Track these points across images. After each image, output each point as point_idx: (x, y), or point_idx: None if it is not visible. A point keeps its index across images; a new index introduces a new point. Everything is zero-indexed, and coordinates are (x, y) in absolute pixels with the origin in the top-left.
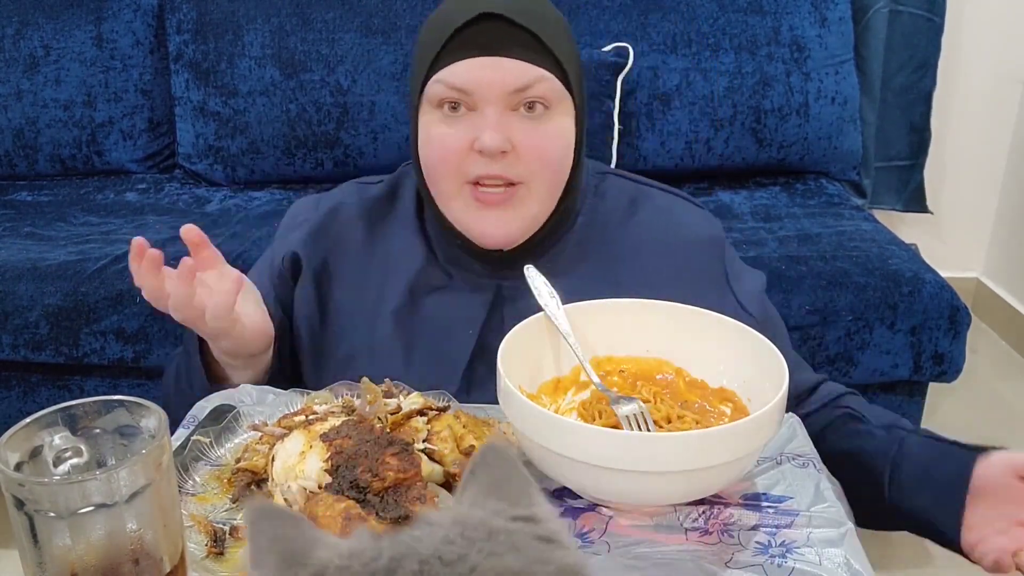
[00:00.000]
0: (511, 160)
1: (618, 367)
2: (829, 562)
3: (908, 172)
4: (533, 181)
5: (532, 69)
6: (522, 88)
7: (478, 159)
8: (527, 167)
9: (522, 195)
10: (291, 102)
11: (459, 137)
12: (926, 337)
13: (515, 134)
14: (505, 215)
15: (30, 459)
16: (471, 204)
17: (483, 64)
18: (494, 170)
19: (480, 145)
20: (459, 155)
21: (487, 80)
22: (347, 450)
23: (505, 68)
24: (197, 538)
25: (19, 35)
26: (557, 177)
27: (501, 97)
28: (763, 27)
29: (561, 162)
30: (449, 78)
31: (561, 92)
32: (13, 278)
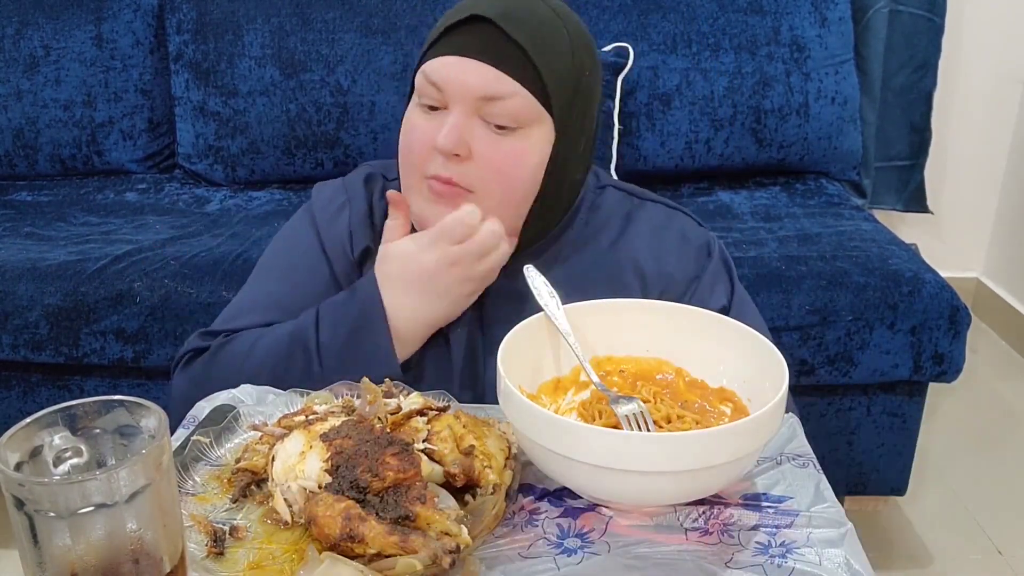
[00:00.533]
0: (465, 166)
1: (618, 367)
2: (829, 562)
3: (908, 172)
4: (484, 192)
5: (507, 81)
6: (490, 97)
7: (437, 157)
8: (479, 177)
9: (468, 200)
10: (291, 102)
11: (426, 131)
12: (926, 337)
13: (475, 140)
14: (448, 210)
15: (30, 459)
16: (426, 196)
17: (459, 64)
18: (446, 172)
19: (434, 142)
20: (424, 149)
21: (459, 80)
22: (347, 450)
23: (480, 73)
24: (197, 538)
25: (19, 35)
26: (509, 196)
27: (470, 100)
28: (763, 27)
29: (516, 183)
30: (429, 71)
31: (536, 112)
32: (13, 278)
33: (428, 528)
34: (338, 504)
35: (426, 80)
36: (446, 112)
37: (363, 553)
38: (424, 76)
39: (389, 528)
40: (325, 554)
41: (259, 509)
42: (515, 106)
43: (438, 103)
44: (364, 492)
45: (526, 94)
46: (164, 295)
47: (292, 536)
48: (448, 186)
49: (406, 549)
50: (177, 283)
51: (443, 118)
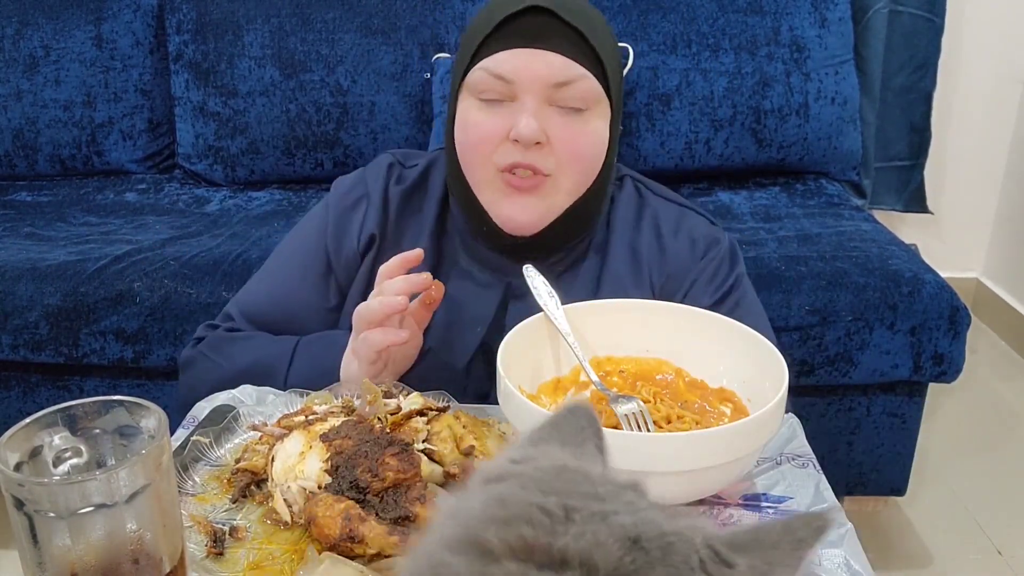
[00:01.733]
0: (544, 152)
1: (618, 367)
2: (829, 562)
3: (908, 172)
4: (562, 175)
5: (575, 66)
6: (563, 83)
7: (512, 148)
8: (558, 161)
9: (549, 187)
10: (291, 102)
11: (495, 124)
12: (926, 337)
13: (551, 127)
14: (531, 201)
15: (30, 459)
16: (501, 189)
17: (527, 55)
18: (526, 159)
19: (516, 133)
20: (494, 142)
21: (530, 70)
22: (347, 450)
23: (548, 61)
24: (197, 538)
25: (19, 35)
26: (585, 176)
27: (541, 89)
28: (763, 27)
29: (592, 161)
30: (492, 66)
31: (599, 93)
32: (13, 278)
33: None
34: (338, 504)
35: (489, 74)
36: (512, 104)
37: (363, 553)
38: (486, 71)
39: (389, 528)
40: (325, 554)
41: (259, 509)
42: (584, 88)
43: (503, 96)
44: (364, 492)
45: (591, 77)
46: (164, 295)
47: (292, 536)
48: (530, 176)
49: (406, 549)
50: (177, 283)
51: (509, 110)
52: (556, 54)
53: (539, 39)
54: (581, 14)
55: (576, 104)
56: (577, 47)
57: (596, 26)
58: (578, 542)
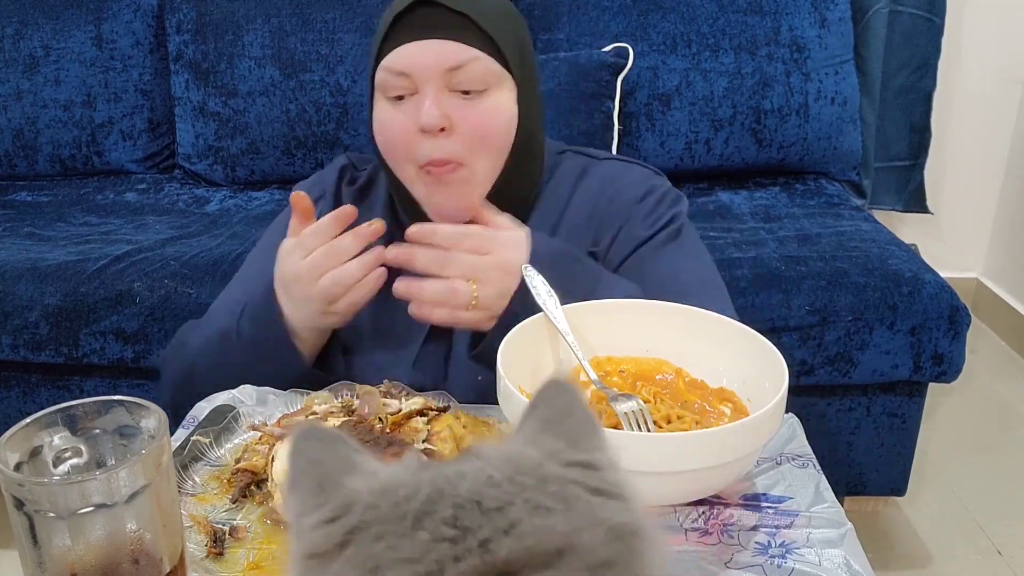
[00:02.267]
0: (452, 139)
1: (618, 367)
2: (829, 562)
3: (908, 172)
4: (474, 159)
5: (466, 49)
6: (456, 67)
7: (424, 140)
8: (467, 144)
9: (466, 173)
10: (291, 102)
11: (404, 119)
12: (926, 337)
13: (453, 111)
14: (452, 189)
15: (30, 459)
16: (427, 181)
17: (418, 47)
18: (437, 155)
19: (420, 123)
20: (407, 137)
21: (422, 61)
22: None
23: (438, 49)
24: (197, 538)
25: (19, 35)
26: (498, 153)
27: (437, 76)
28: (763, 27)
29: (501, 138)
30: (390, 63)
31: (499, 71)
32: (13, 278)
33: None
34: None
35: (390, 72)
36: (416, 97)
37: None
38: (386, 70)
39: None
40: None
41: (259, 509)
42: (479, 69)
43: (406, 90)
44: None
45: (485, 56)
46: (164, 295)
47: None
48: (446, 166)
49: None
50: (177, 283)
51: (415, 103)
52: (446, 41)
53: (428, 30)
54: (469, 1)
55: (475, 86)
56: (466, 31)
57: (486, 10)
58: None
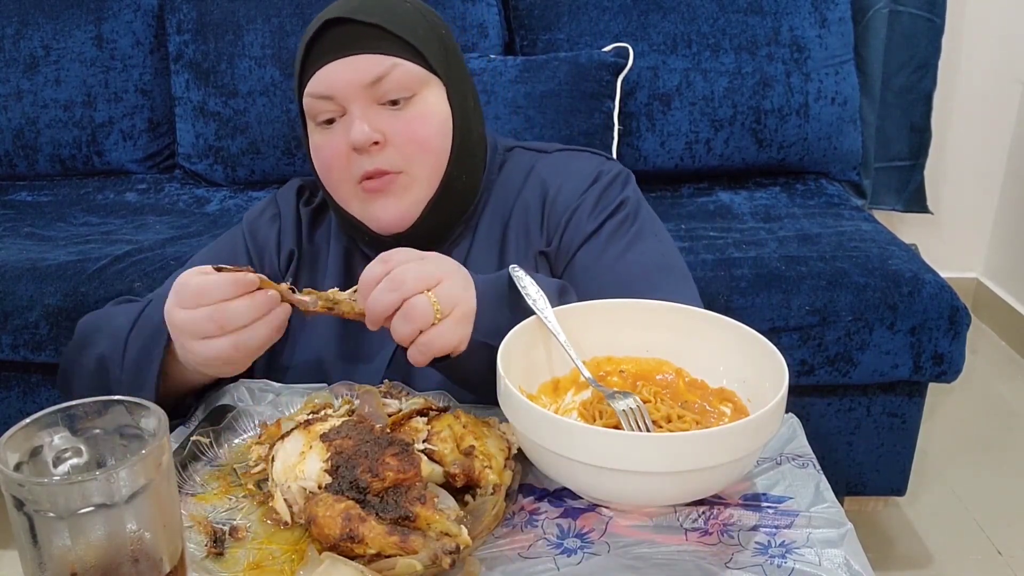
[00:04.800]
0: (387, 151)
1: (618, 367)
2: (829, 562)
3: (908, 172)
4: (412, 166)
5: (382, 59)
6: (377, 79)
7: (359, 158)
8: (403, 154)
9: (404, 180)
10: (291, 102)
11: (336, 141)
12: (926, 337)
13: (383, 124)
14: (391, 200)
15: (30, 459)
16: (363, 198)
17: (336, 66)
18: (373, 165)
19: (351, 143)
20: (341, 159)
21: (342, 79)
22: (347, 450)
23: (354, 65)
24: (197, 538)
25: (19, 35)
26: (436, 157)
27: (360, 92)
28: (763, 27)
29: (437, 141)
30: (312, 89)
31: (422, 75)
32: (13, 278)
33: (428, 528)
34: (338, 504)
35: (314, 97)
36: (345, 118)
37: (363, 553)
38: (310, 96)
39: (389, 528)
40: (325, 554)
41: (259, 509)
42: (401, 76)
43: (334, 113)
44: (364, 492)
45: (404, 62)
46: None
47: (292, 536)
48: (381, 177)
49: (406, 549)
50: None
51: (344, 123)
52: (360, 55)
53: (342, 48)
54: (378, 10)
55: (400, 93)
56: (381, 40)
57: (400, 18)
58: None
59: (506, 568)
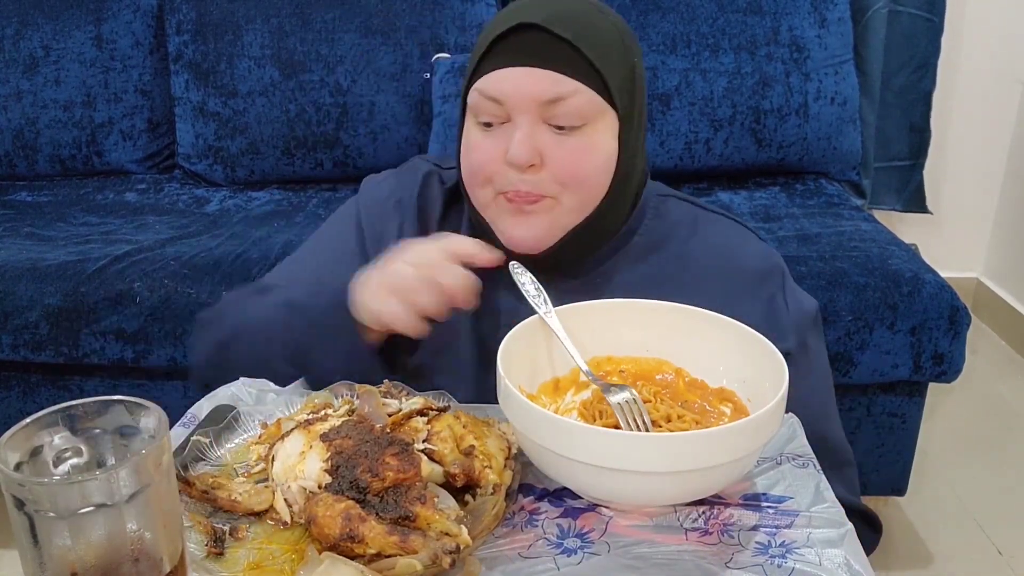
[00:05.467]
0: (541, 175)
1: (618, 367)
2: (829, 562)
3: (908, 172)
4: (563, 195)
5: (566, 81)
6: (554, 99)
7: (509, 171)
8: (557, 182)
9: (550, 204)
10: (291, 102)
11: (493, 147)
12: (926, 337)
13: (546, 147)
14: (532, 220)
15: (30, 459)
16: (504, 208)
17: (516, 74)
18: (523, 187)
19: (509, 157)
20: (492, 166)
21: (519, 90)
22: (347, 450)
23: (537, 78)
24: (197, 538)
25: (19, 35)
26: (591, 192)
27: (533, 108)
28: (763, 27)
29: (596, 178)
30: (485, 87)
31: (600, 105)
32: (13, 278)
33: (428, 528)
34: (338, 504)
35: (483, 96)
36: (508, 125)
37: (363, 553)
38: (480, 93)
39: (389, 528)
40: (325, 554)
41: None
42: (579, 103)
43: (497, 118)
44: (364, 492)
45: (587, 90)
46: (164, 295)
47: (292, 536)
48: (529, 196)
49: (406, 549)
50: (177, 283)
51: (506, 132)
52: (545, 70)
53: (528, 56)
54: (576, 24)
55: (572, 121)
56: (569, 60)
57: (595, 37)
58: None
59: (506, 568)
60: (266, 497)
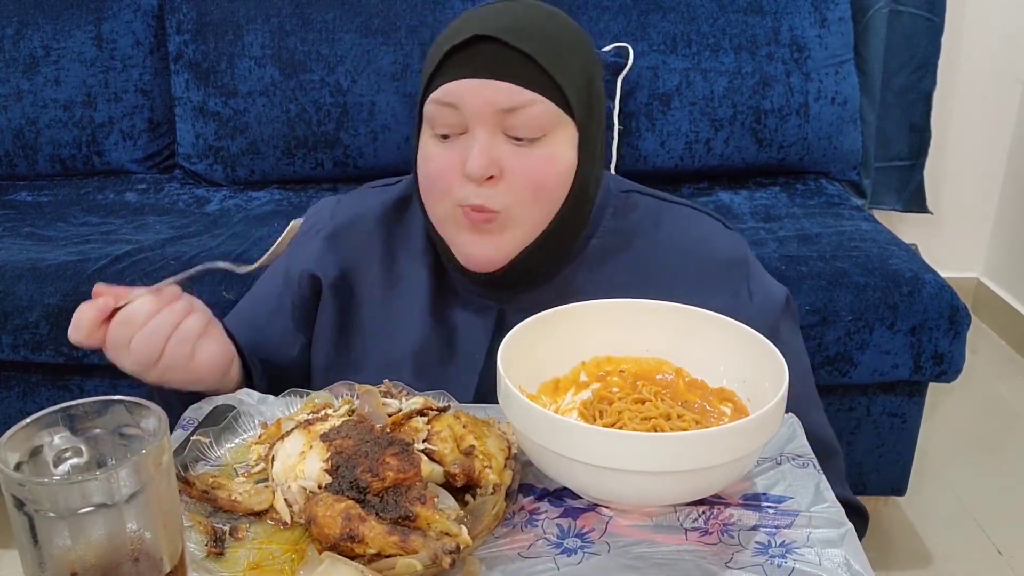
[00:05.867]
0: (499, 188)
1: (618, 367)
2: (829, 562)
3: (908, 172)
4: (519, 208)
5: (523, 92)
6: (511, 109)
7: (467, 184)
8: (515, 195)
9: (505, 221)
10: (291, 102)
11: (450, 158)
12: (926, 337)
13: (504, 159)
14: (488, 239)
15: (30, 459)
16: (461, 225)
17: (474, 84)
18: (479, 199)
19: (466, 170)
20: (450, 177)
21: (476, 99)
22: (347, 450)
23: (495, 88)
24: (197, 538)
25: (19, 35)
26: (547, 205)
27: (490, 117)
28: (763, 27)
29: (554, 191)
30: (441, 97)
31: (557, 115)
32: (13, 278)
33: (428, 528)
34: (338, 504)
35: (439, 105)
36: (465, 137)
37: (363, 553)
38: (436, 103)
39: (389, 528)
40: (325, 554)
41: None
42: (537, 113)
43: (454, 128)
44: (364, 492)
45: (545, 100)
46: None
47: (292, 536)
48: (482, 213)
49: (406, 549)
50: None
51: (463, 143)
52: (501, 82)
53: (484, 68)
54: (532, 36)
55: (530, 132)
56: (526, 72)
57: (552, 48)
58: None
59: (506, 568)
60: (266, 497)
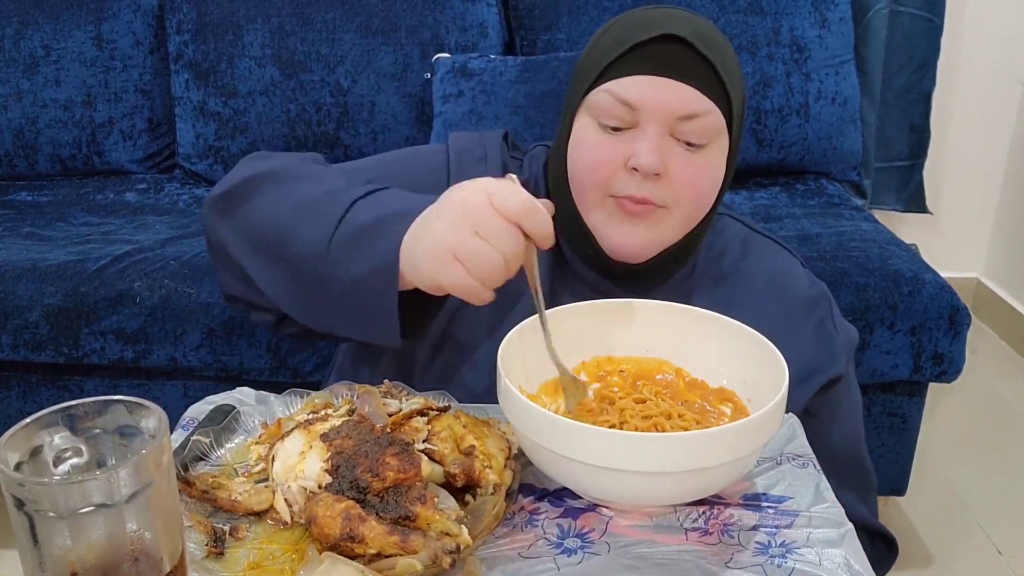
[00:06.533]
0: (661, 184)
1: (618, 367)
2: (829, 562)
3: (908, 172)
4: (676, 208)
5: (703, 100)
6: (689, 116)
7: (628, 177)
8: (674, 194)
9: (661, 216)
10: (291, 102)
11: (614, 150)
12: (926, 337)
13: (671, 160)
14: (641, 230)
15: (30, 459)
16: (612, 213)
17: (656, 83)
18: (641, 192)
19: (636, 162)
20: (610, 169)
21: (657, 100)
22: (347, 450)
23: (678, 92)
24: (197, 538)
25: (19, 35)
26: (699, 210)
27: (666, 119)
28: (763, 27)
29: (707, 197)
30: (619, 90)
31: (722, 127)
32: (13, 278)
33: (428, 528)
34: (338, 504)
35: (614, 98)
36: (633, 131)
37: (363, 553)
38: (612, 95)
39: (389, 528)
40: (325, 554)
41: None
42: (709, 123)
43: (625, 123)
44: (364, 492)
45: (717, 111)
46: (164, 295)
47: (292, 536)
48: (645, 204)
49: (406, 549)
50: (177, 283)
51: (630, 137)
52: (686, 85)
53: (671, 68)
54: (715, 46)
55: (697, 139)
56: (707, 80)
57: (727, 58)
58: None
59: (506, 568)
60: (266, 497)
